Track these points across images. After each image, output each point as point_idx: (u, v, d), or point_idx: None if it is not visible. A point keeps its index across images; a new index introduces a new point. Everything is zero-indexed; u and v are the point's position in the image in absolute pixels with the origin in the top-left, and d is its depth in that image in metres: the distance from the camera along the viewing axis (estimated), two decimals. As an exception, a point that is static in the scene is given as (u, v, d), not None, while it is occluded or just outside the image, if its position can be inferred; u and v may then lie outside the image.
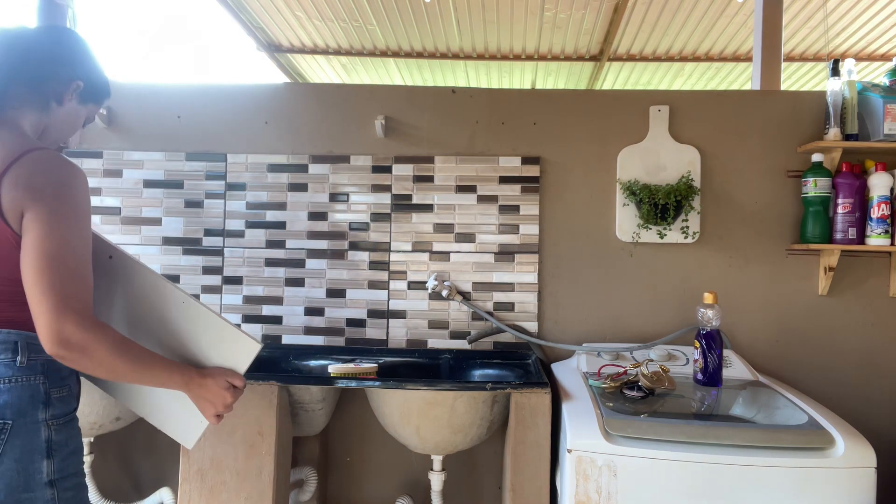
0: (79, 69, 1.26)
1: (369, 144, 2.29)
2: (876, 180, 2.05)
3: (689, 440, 1.48)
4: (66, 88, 1.23)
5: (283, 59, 5.58)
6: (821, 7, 4.22)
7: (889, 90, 2.08)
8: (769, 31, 3.09)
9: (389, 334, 2.27)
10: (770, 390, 1.82)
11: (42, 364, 1.12)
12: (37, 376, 1.11)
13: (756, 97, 2.31)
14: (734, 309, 2.20)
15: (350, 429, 2.27)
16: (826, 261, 2.14)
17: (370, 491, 2.27)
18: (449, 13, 4.48)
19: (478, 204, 2.26)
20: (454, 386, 1.71)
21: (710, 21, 4.55)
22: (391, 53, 5.36)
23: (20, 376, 1.09)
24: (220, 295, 2.30)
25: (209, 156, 2.31)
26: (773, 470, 1.43)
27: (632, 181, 2.20)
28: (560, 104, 2.26)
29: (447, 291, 2.21)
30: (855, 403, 2.17)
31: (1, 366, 1.08)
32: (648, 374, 1.76)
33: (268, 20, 4.82)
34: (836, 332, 2.20)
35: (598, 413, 1.59)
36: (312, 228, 2.30)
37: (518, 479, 1.69)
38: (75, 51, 1.27)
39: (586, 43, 5.01)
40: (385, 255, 2.28)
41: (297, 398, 1.84)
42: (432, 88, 2.32)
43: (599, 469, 1.49)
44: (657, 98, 2.25)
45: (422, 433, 1.78)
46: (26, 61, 1.19)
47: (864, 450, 1.45)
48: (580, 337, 2.23)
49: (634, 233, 2.21)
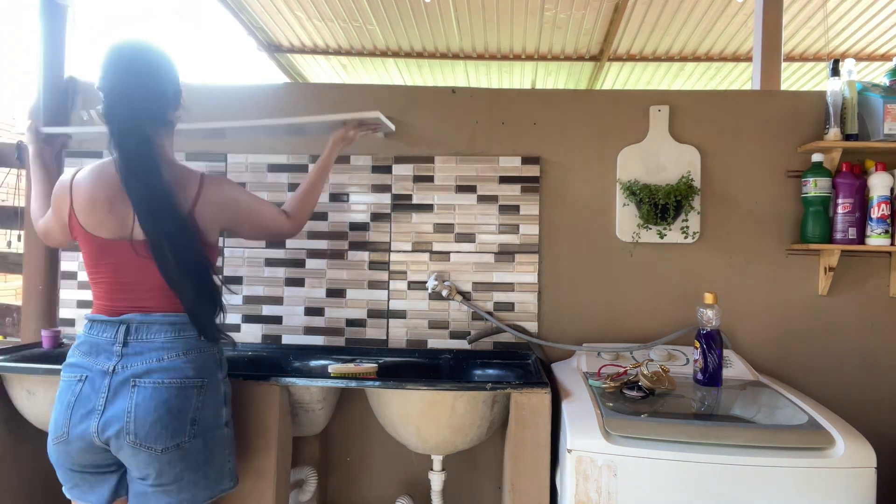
0: (177, 78, 1.53)
1: (369, 144, 2.29)
2: (876, 180, 2.05)
3: (689, 440, 1.48)
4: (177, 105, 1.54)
5: (283, 59, 5.58)
6: (821, 7, 4.22)
7: (889, 90, 2.08)
8: (769, 31, 3.08)
9: (389, 334, 2.27)
10: (770, 390, 1.82)
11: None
12: (213, 347, 1.49)
13: (756, 97, 2.31)
14: (734, 309, 2.20)
15: (350, 429, 2.27)
16: (826, 261, 2.14)
17: (370, 491, 2.27)
18: (449, 13, 4.47)
19: (478, 204, 2.26)
20: (454, 386, 1.71)
21: (710, 21, 4.54)
22: (391, 53, 5.35)
23: (205, 347, 1.46)
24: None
25: (209, 156, 2.31)
26: (773, 470, 1.43)
27: (632, 181, 2.20)
28: (560, 104, 2.26)
29: (447, 291, 2.21)
30: (855, 403, 2.17)
31: (192, 339, 1.44)
32: (648, 374, 1.76)
33: (268, 20, 4.82)
34: (836, 332, 2.20)
35: (598, 413, 1.59)
36: (312, 228, 2.29)
37: (518, 479, 1.69)
38: (166, 67, 1.50)
39: (586, 43, 5.01)
40: (385, 255, 2.28)
41: (297, 398, 1.84)
42: (432, 88, 2.32)
43: (599, 469, 1.49)
44: (657, 98, 2.25)
45: (422, 433, 1.78)
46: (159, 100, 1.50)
47: (864, 450, 1.45)
48: (580, 337, 2.23)
49: (634, 233, 2.21)
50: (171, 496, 1.40)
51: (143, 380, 1.37)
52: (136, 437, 1.35)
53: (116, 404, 1.36)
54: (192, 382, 1.41)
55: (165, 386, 1.38)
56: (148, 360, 1.39)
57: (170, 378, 1.39)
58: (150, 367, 1.39)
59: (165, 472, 1.38)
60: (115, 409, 1.36)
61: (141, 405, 1.36)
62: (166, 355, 1.40)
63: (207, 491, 1.45)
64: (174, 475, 1.38)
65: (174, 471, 1.38)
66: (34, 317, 2.30)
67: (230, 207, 1.54)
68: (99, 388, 1.38)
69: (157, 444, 1.35)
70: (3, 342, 2.54)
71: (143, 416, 1.35)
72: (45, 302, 2.31)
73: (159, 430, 1.35)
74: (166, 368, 1.39)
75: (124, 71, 1.43)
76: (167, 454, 1.36)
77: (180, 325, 1.44)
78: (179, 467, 1.38)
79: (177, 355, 1.41)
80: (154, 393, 1.37)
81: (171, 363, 1.40)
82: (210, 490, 1.45)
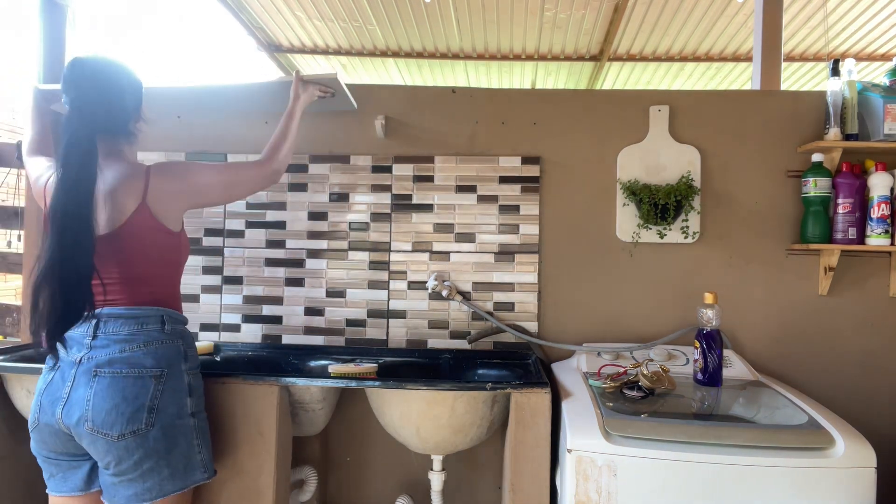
0: (138, 93, 1.60)
1: (369, 144, 2.29)
2: (876, 180, 2.05)
3: (689, 440, 1.48)
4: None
5: (283, 59, 5.58)
6: (821, 7, 4.22)
7: (889, 90, 2.08)
8: (769, 31, 3.08)
9: (389, 334, 2.27)
10: (770, 390, 1.82)
11: (180, 332, 1.55)
12: (177, 340, 1.53)
13: (756, 97, 2.31)
14: (734, 309, 2.20)
15: (350, 429, 2.27)
16: (826, 261, 2.14)
17: (370, 491, 2.27)
18: (449, 13, 4.47)
19: (478, 204, 2.26)
20: (454, 386, 1.71)
21: (710, 21, 4.54)
22: (391, 53, 5.35)
23: (167, 339, 1.50)
24: (220, 295, 2.30)
25: (209, 156, 2.31)
26: (774, 470, 1.43)
27: (632, 181, 2.20)
28: (560, 104, 2.26)
29: (447, 291, 2.21)
30: (855, 403, 2.17)
31: (154, 332, 1.49)
32: (648, 374, 1.76)
33: (268, 20, 4.82)
34: (836, 332, 2.20)
35: (598, 413, 1.59)
36: (312, 228, 2.29)
37: (518, 479, 1.69)
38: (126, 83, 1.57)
39: (586, 43, 5.01)
40: (385, 255, 2.28)
41: (297, 398, 1.84)
42: (432, 88, 2.32)
43: (599, 469, 1.49)
44: (657, 98, 2.25)
45: (422, 433, 1.78)
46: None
47: (864, 450, 1.45)
48: (580, 337, 2.23)
49: (634, 233, 2.21)
50: (136, 485, 1.43)
51: (105, 369, 1.43)
52: (93, 423, 1.40)
53: (78, 393, 1.42)
54: (150, 372, 1.45)
55: (123, 375, 1.43)
56: (111, 352, 1.45)
57: (128, 368, 1.44)
58: (112, 357, 1.44)
59: (124, 459, 1.41)
60: (76, 397, 1.42)
61: (99, 393, 1.41)
62: (128, 347, 1.46)
63: (176, 481, 1.47)
64: (133, 462, 1.41)
65: (132, 458, 1.41)
66: (34, 317, 2.30)
67: (184, 190, 1.56)
68: (66, 377, 1.45)
69: (112, 430, 1.39)
70: (3, 342, 2.54)
71: (100, 403, 1.40)
72: (45, 302, 2.31)
73: (115, 416, 1.39)
74: (126, 359, 1.44)
75: (87, 84, 1.49)
76: (123, 441, 1.40)
77: (143, 319, 1.49)
78: (138, 455, 1.41)
79: (137, 346, 1.46)
80: (112, 382, 1.42)
81: (131, 354, 1.45)
82: (179, 480, 1.47)
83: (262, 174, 1.69)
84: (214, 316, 2.31)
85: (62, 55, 2.36)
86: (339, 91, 1.99)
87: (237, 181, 1.65)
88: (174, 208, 1.55)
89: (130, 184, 1.49)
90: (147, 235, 1.49)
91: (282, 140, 1.76)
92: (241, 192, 1.69)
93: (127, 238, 1.47)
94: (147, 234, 1.49)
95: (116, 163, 1.52)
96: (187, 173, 1.57)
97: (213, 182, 1.61)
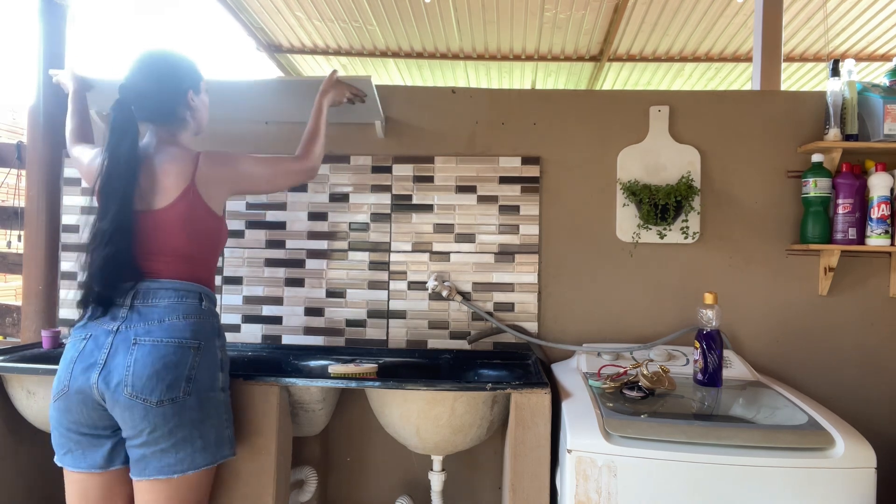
0: (184, 82, 1.66)
1: (369, 144, 2.29)
2: (876, 180, 2.05)
3: (689, 440, 1.48)
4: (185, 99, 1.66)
5: (283, 59, 5.58)
6: (821, 7, 4.22)
7: (889, 90, 2.08)
8: (769, 31, 3.09)
9: (389, 334, 2.27)
10: (770, 390, 1.82)
11: (214, 311, 1.61)
12: (212, 317, 1.59)
13: (756, 97, 2.31)
14: (734, 309, 2.20)
15: (350, 429, 2.27)
16: (826, 261, 2.14)
17: (370, 491, 2.27)
18: (449, 13, 4.48)
19: (478, 204, 2.26)
20: (454, 386, 1.71)
21: (710, 21, 4.55)
22: (391, 53, 5.36)
23: (204, 314, 1.56)
24: (221, 295, 2.30)
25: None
26: (773, 470, 1.43)
27: (632, 181, 2.20)
28: (560, 104, 2.26)
29: (447, 292, 2.21)
30: (855, 403, 2.17)
31: (194, 306, 1.55)
32: (648, 375, 1.76)
33: (268, 20, 4.82)
34: (836, 332, 2.20)
35: (598, 413, 1.59)
36: (312, 228, 2.30)
37: (518, 479, 1.69)
38: (172, 73, 1.64)
39: (586, 43, 5.01)
40: (385, 255, 2.28)
41: (297, 398, 1.84)
42: (432, 88, 2.32)
43: (599, 469, 1.49)
44: (657, 98, 2.25)
45: (422, 433, 1.78)
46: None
47: (864, 450, 1.45)
48: (580, 337, 2.23)
49: (634, 233, 2.21)
50: (169, 455, 1.44)
51: (144, 338, 1.46)
52: (133, 388, 1.41)
53: (117, 359, 1.44)
54: (189, 343, 1.49)
55: (164, 344, 1.46)
56: (150, 321, 1.48)
57: (168, 337, 1.47)
58: (150, 327, 1.48)
59: (159, 426, 1.42)
60: (115, 363, 1.44)
61: (140, 360, 1.43)
62: (167, 317, 1.50)
63: (206, 454, 1.49)
64: (168, 430, 1.43)
65: (168, 426, 1.42)
66: (34, 317, 2.30)
67: (230, 177, 1.64)
68: (102, 344, 1.47)
69: (152, 395, 1.41)
70: (3, 342, 2.54)
71: (140, 369, 1.42)
72: (45, 302, 2.31)
73: (156, 382, 1.42)
74: (166, 329, 1.48)
75: (136, 72, 1.60)
76: (161, 407, 1.42)
77: (184, 292, 1.54)
78: (173, 422, 1.43)
79: (177, 318, 1.51)
80: (153, 349, 1.45)
81: (171, 324, 1.49)
82: (209, 454, 1.49)
83: (301, 169, 1.77)
84: (214, 316, 2.30)
85: (62, 55, 2.35)
86: (369, 96, 2.03)
87: (278, 173, 1.73)
88: (219, 193, 1.62)
89: (180, 165, 1.57)
90: (193, 214, 1.55)
91: (314, 136, 1.82)
92: (281, 185, 1.77)
93: (174, 215, 1.54)
94: (193, 214, 1.55)
95: (169, 146, 1.61)
96: (235, 161, 1.66)
97: (258, 172, 1.69)
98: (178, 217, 1.54)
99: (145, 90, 1.59)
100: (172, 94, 1.63)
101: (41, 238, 2.31)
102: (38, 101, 2.28)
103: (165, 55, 1.65)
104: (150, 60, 1.62)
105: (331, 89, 1.91)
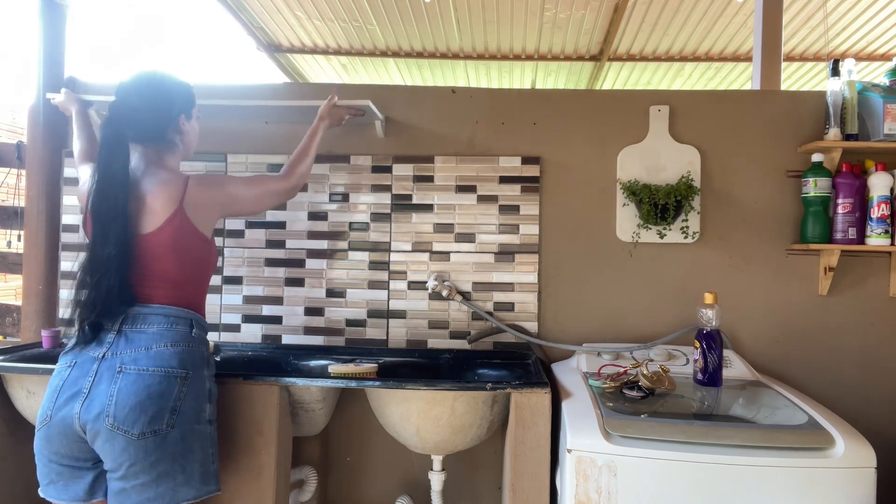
0: (176, 105, 1.65)
1: (369, 144, 2.29)
2: (876, 180, 2.05)
3: (689, 440, 1.48)
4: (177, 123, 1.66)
5: (283, 59, 5.58)
6: (821, 7, 4.22)
7: (889, 90, 2.08)
8: (769, 31, 3.09)
9: (389, 334, 2.27)
10: (770, 390, 1.82)
11: (204, 339, 1.59)
12: (202, 345, 1.56)
13: (756, 97, 2.31)
14: (734, 309, 2.20)
15: (350, 429, 2.27)
16: (826, 261, 2.14)
17: (370, 491, 2.27)
18: (449, 13, 4.47)
19: (478, 204, 2.26)
20: (454, 386, 1.71)
21: (710, 21, 4.54)
22: (391, 53, 5.35)
23: (193, 343, 1.52)
24: (220, 295, 2.30)
25: (209, 155, 2.31)
26: (774, 470, 1.43)
27: (632, 181, 2.20)
28: (560, 104, 2.26)
29: (447, 291, 2.21)
30: (855, 403, 2.17)
31: (183, 333, 1.51)
32: (648, 374, 1.76)
33: (268, 20, 4.82)
34: (836, 332, 2.20)
35: (598, 413, 1.59)
36: (312, 228, 2.29)
37: (518, 479, 1.69)
38: (166, 95, 1.64)
39: (586, 43, 5.01)
40: (385, 255, 2.28)
41: (297, 398, 1.84)
42: (432, 88, 2.32)
43: (599, 469, 1.49)
44: (657, 98, 2.25)
45: (422, 433, 1.78)
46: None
47: (864, 450, 1.45)
48: (580, 337, 2.23)
49: (634, 233, 2.21)
50: (149, 490, 1.39)
51: (130, 366, 1.43)
52: (114, 419, 1.38)
53: (101, 387, 1.41)
54: (176, 373, 1.46)
55: (150, 373, 1.43)
56: (137, 348, 1.45)
57: (154, 366, 1.44)
58: (137, 355, 1.45)
59: (139, 459, 1.38)
60: (98, 392, 1.41)
61: (123, 389, 1.40)
62: (155, 344, 1.47)
63: (189, 489, 1.44)
64: (148, 464, 1.39)
65: (149, 459, 1.38)
66: (34, 317, 2.30)
67: (218, 200, 1.63)
68: (87, 372, 1.44)
69: (133, 427, 1.37)
70: (3, 342, 2.55)
71: (124, 399, 1.39)
72: (44, 302, 2.31)
73: (138, 413, 1.38)
74: (153, 357, 1.45)
75: (127, 93, 1.60)
76: (143, 440, 1.38)
77: (174, 318, 1.52)
78: (154, 456, 1.39)
79: (165, 346, 1.47)
80: (138, 378, 1.42)
81: (157, 352, 1.46)
82: (192, 489, 1.44)
83: (285, 189, 1.77)
84: (214, 316, 2.31)
85: (62, 55, 2.35)
86: (368, 111, 2.08)
87: (264, 194, 1.72)
88: (208, 216, 1.61)
89: (169, 189, 1.55)
90: (181, 238, 1.54)
91: (302, 157, 1.83)
92: (266, 205, 1.76)
93: (163, 239, 1.52)
94: (181, 237, 1.54)
95: (158, 169, 1.59)
96: (223, 184, 1.65)
97: (245, 194, 1.68)
98: (166, 241, 1.52)
99: (137, 109, 1.58)
100: (164, 116, 1.63)
101: (41, 238, 2.31)
102: (38, 101, 2.28)
103: (161, 77, 1.65)
104: (144, 80, 1.62)
105: (328, 115, 1.94)
